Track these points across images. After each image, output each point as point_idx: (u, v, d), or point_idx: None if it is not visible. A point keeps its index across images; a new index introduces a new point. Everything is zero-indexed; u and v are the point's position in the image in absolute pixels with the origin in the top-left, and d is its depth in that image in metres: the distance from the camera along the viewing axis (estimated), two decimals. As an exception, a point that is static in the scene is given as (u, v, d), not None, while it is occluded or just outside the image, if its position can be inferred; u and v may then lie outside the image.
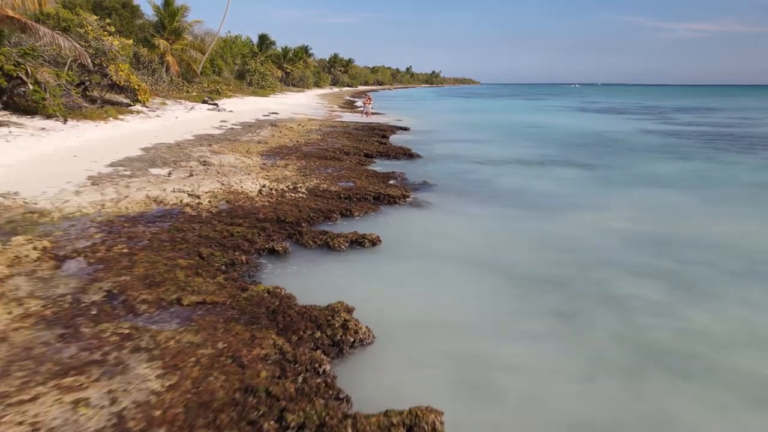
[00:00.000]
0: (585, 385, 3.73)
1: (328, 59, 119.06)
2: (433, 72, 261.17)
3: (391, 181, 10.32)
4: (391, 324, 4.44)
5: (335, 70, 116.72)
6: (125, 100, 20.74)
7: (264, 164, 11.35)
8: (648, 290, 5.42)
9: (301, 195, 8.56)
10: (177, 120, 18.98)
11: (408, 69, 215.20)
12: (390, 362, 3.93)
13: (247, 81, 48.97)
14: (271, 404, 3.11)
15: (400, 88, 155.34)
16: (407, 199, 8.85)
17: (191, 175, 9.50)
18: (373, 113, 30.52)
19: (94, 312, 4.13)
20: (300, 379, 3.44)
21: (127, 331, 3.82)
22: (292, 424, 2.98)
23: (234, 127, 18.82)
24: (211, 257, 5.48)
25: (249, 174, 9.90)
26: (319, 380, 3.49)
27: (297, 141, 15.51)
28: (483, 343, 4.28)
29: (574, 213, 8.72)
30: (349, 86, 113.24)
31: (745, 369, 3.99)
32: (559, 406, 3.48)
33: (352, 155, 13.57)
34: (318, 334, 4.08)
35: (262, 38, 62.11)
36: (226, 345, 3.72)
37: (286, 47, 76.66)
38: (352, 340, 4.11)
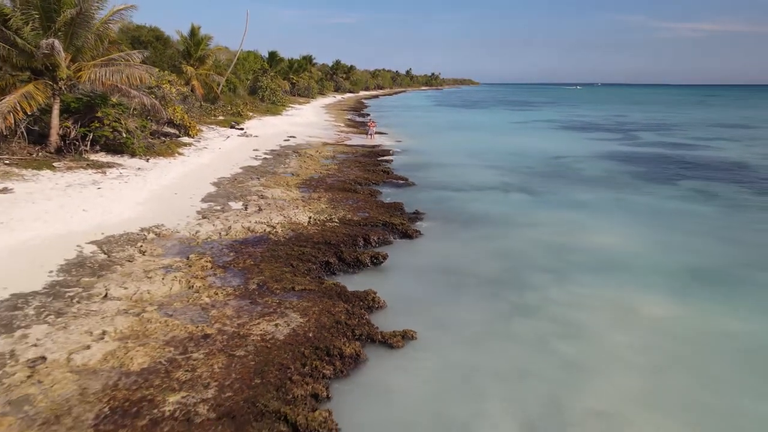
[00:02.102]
0: (491, 324, 8.48)
1: (330, 65, 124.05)
2: (433, 74, 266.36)
3: (391, 207, 15.10)
4: (395, 299, 9.17)
5: (338, 77, 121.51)
6: (173, 131, 25.58)
7: (303, 197, 16.14)
8: (542, 280, 10.16)
9: (335, 224, 13.34)
10: (221, 151, 23.74)
11: (408, 72, 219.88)
12: (394, 315, 8.68)
13: (260, 97, 53.82)
14: (348, 326, 7.89)
15: (400, 91, 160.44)
16: (405, 226, 13.62)
17: (260, 209, 14.30)
18: (376, 133, 35.42)
19: (257, 293, 8.92)
20: (356, 320, 8.21)
21: (278, 301, 8.61)
22: (357, 333, 7.76)
23: (266, 157, 23.58)
24: (298, 266, 10.26)
25: (297, 207, 14.68)
26: (364, 321, 8.26)
27: (321, 173, 20.31)
28: (444, 306, 9.04)
29: (515, 229, 13.59)
30: (350, 92, 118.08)
31: (569, 317, 8.73)
32: (479, 335, 8.23)
33: (364, 186, 18.37)
34: (361, 303, 8.85)
35: (272, 55, 67.25)
36: (322, 306, 8.50)
37: (291, 59, 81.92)
38: (376, 306, 8.88)
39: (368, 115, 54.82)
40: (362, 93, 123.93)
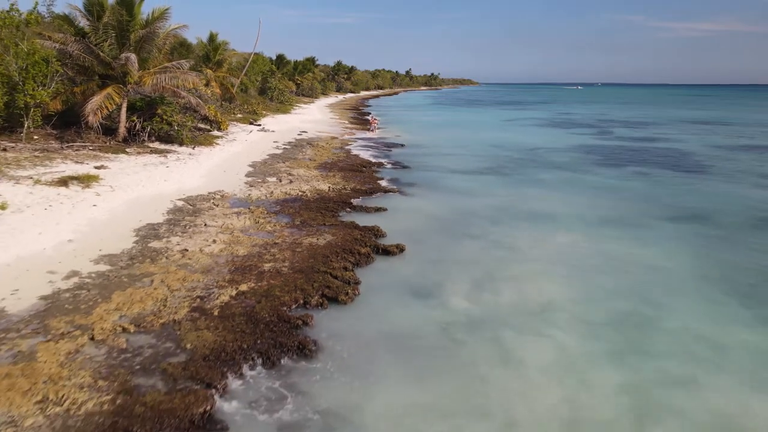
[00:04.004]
0: (451, 243, 13.13)
1: (332, 66, 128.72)
2: (432, 74, 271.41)
3: (389, 181, 19.75)
4: (392, 231, 13.79)
5: (339, 77, 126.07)
6: (205, 126, 30.24)
7: (321, 174, 20.79)
8: (487, 222, 14.81)
9: (348, 191, 18.00)
10: (248, 142, 28.40)
11: (408, 72, 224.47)
12: (391, 239, 13.30)
13: (269, 97, 58.49)
14: (362, 241, 12.55)
15: (399, 91, 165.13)
16: (399, 192, 18.27)
17: (291, 181, 18.96)
18: (378, 129, 40.12)
19: (301, 225, 13.59)
20: (367, 239, 12.87)
21: (316, 229, 13.29)
22: (368, 245, 12.43)
23: (286, 147, 28.23)
24: (326, 213, 14.92)
25: (318, 181, 19.35)
26: (372, 240, 12.91)
27: (333, 159, 24.98)
28: (422, 234, 13.68)
29: (477, 196, 18.24)
30: (351, 92, 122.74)
31: (501, 240, 13.38)
32: (443, 247, 12.89)
33: (368, 168, 23.04)
34: (369, 231, 13.50)
35: (280, 57, 72.02)
36: (345, 232, 13.16)
37: (296, 60, 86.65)
38: (379, 234, 13.52)
39: (370, 113, 59.46)
40: (363, 93, 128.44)
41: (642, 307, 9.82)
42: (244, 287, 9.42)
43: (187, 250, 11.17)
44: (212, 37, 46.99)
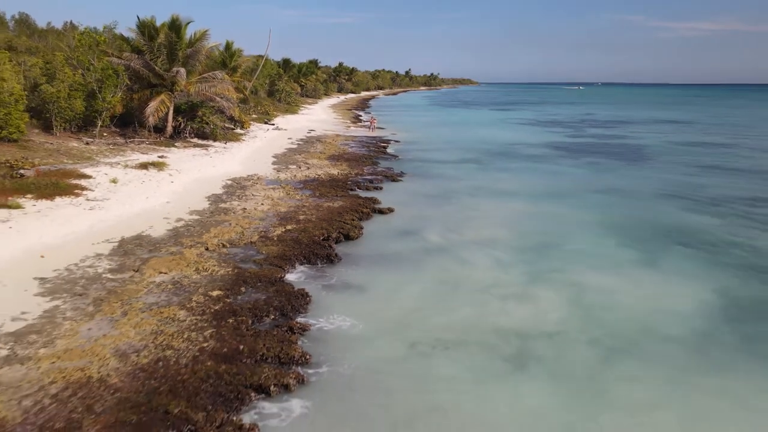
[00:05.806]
0: (431, 208, 18.40)
1: (333, 68, 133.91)
2: (431, 74, 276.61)
3: (387, 168, 25.01)
4: (385, 200, 19.05)
5: (340, 78, 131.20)
6: (229, 125, 35.53)
7: (331, 163, 26.07)
8: (461, 195, 20.06)
9: (353, 175, 23.27)
10: (267, 139, 33.70)
11: (407, 72, 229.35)
12: (385, 204, 18.58)
13: (277, 98, 63.75)
14: (365, 205, 17.84)
15: (399, 91, 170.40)
16: (392, 176, 23.53)
17: (308, 168, 24.26)
18: (377, 128, 45.36)
19: (320, 195, 18.86)
20: (369, 205, 18.14)
21: (331, 198, 18.57)
22: (369, 207, 17.71)
23: (299, 143, 33.52)
24: (336, 188, 20.19)
25: (329, 168, 24.63)
26: (371, 205, 18.18)
27: (339, 152, 30.27)
28: (409, 201, 18.93)
29: (456, 180, 23.48)
30: (352, 93, 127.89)
31: (472, 205, 18.65)
32: (425, 210, 18.16)
33: (369, 158, 28.34)
34: (369, 201, 18.76)
35: (286, 61, 77.19)
36: (352, 200, 18.43)
37: (301, 63, 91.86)
38: (376, 202, 18.80)
39: (370, 113, 64.71)
40: (363, 93, 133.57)
41: (555, 239, 15.11)
42: (289, 227, 14.71)
43: (246, 209, 16.45)
44: (228, 46, 51.86)
